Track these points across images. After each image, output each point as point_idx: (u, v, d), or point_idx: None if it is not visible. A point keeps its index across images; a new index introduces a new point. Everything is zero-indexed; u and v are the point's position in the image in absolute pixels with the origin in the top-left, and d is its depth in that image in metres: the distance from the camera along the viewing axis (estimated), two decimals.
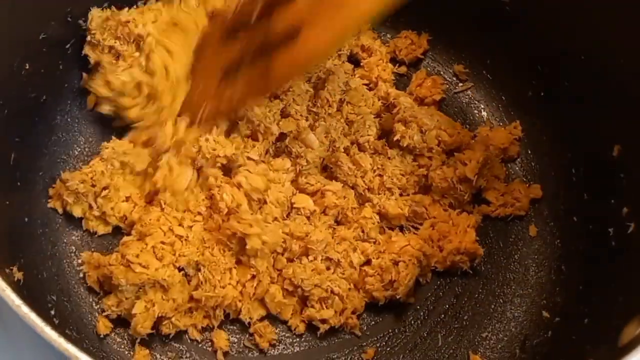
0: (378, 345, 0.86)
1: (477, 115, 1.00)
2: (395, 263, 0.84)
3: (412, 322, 0.87)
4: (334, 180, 0.90)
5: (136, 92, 0.89)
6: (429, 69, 1.02)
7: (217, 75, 0.86)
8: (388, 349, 0.85)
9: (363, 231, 0.88)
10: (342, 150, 0.91)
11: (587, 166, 0.88)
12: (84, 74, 0.91)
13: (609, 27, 0.83)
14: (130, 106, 0.89)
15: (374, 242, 0.87)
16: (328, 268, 0.85)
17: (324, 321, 0.84)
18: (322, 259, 0.85)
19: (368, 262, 0.86)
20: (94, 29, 0.89)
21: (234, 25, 0.85)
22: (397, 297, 0.84)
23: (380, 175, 0.90)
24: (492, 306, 0.88)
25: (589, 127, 0.87)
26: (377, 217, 0.89)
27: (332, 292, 0.83)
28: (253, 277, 0.84)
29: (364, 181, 0.90)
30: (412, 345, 0.85)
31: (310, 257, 0.85)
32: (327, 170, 0.92)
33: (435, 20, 1.00)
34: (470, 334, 0.86)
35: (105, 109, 0.91)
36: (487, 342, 0.86)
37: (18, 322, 0.85)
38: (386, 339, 0.86)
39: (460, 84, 1.02)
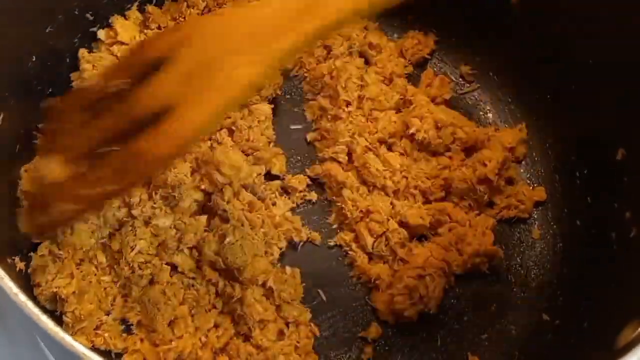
0: (376, 343, 0.85)
1: (483, 116, 1.00)
2: (421, 277, 0.84)
3: (411, 321, 0.85)
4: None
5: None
6: (435, 69, 1.01)
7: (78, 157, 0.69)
8: (387, 347, 0.85)
9: (387, 244, 0.87)
10: (366, 148, 0.91)
11: (591, 169, 0.88)
12: (82, 49, 0.90)
13: (617, 30, 0.82)
14: None
15: (400, 260, 0.87)
16: None
17: None
18: None
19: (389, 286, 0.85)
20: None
21: (92, 102, 0.70)
22: (429, 310, 0.84)
23: (405, 178, 0.90)
24: (493, 308, 0.87)
25: (594, 130, 0.87)
26: (405, 231, 0.88)
27: None
28: (216, 326, 0.82)
29: (392, 182, 0.89)
30: (410, 345, 0.85)
31: None
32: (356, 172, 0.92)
33: (442, 20, 1.00)
34: (470, 335, 0.86)
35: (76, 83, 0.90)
36: (487, 343, 0.86)
37: (17, 319, 0.87)
38: (385, 337, 0.85)
39: (467, 85, 1.01)
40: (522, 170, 0.95)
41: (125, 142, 0.65)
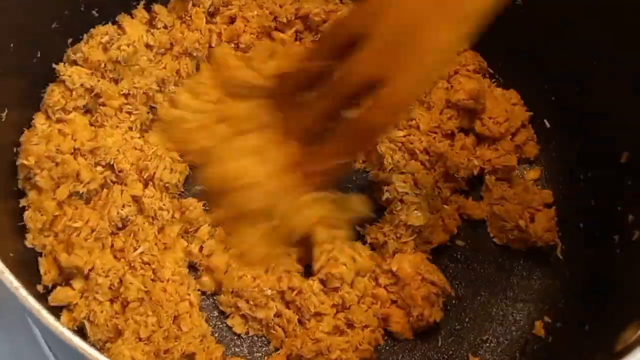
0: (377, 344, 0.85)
1: None
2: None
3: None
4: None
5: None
6: None
7: (299, 139, 0.79)
8: (387, 347, 0.85)
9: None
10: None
11: (595, 172, 0.88)
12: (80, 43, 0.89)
13: (622, 33, 0.82)
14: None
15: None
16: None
17: None
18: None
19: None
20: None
21: (301, 83, 0.79)
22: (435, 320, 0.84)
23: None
24: (494, 309, 0.87)
25: (598, 133, 0.87)
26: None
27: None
28: None
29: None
30: (411, 346, 0.85)
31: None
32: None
33: None
34: (471, 336, 0.86)
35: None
36: (488, 344, 0.86)
37: (17, 315, 0.87)
38: (385, 338, 0.85)
39: None
40: (526, 172, 0.95)
41: (340, 119, 0.72)
